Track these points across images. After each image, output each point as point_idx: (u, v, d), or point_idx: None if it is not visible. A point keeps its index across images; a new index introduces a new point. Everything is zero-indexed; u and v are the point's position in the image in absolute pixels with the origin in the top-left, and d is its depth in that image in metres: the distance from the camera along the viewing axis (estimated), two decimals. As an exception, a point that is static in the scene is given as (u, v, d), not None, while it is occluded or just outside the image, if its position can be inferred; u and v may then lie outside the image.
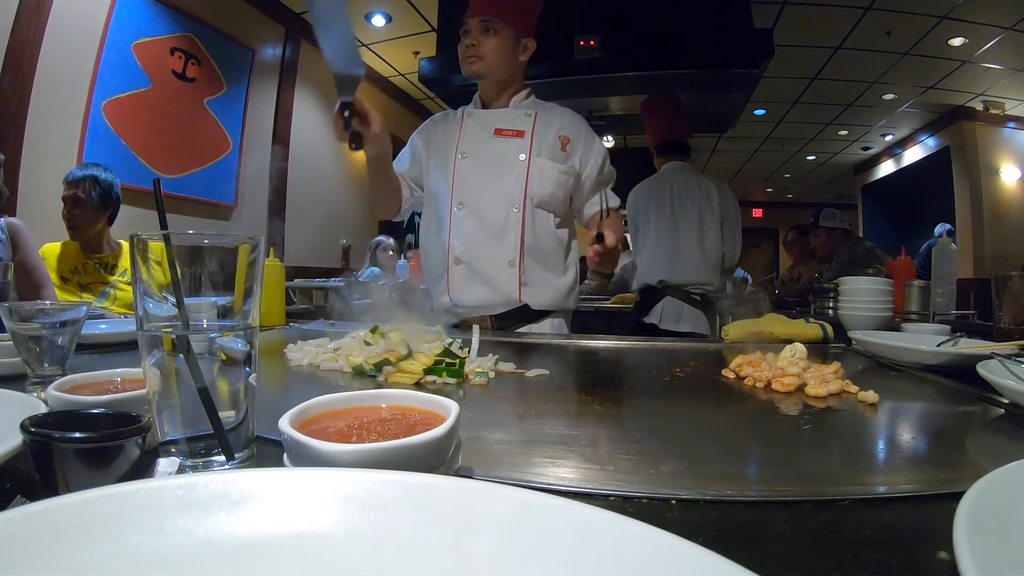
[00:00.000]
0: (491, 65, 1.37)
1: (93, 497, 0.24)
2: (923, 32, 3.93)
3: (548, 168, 1.38)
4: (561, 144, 1.40)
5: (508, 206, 1.37)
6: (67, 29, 2.53)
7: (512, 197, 1.37)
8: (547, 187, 1.38)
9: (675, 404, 0.71)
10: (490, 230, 1.37)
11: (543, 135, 1.40)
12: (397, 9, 3.91)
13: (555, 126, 1.41)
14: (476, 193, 1.38)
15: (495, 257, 1.37)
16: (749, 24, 2.37)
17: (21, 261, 1.63)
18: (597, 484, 0.41)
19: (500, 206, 1.37)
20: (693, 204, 2.28)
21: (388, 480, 0.27)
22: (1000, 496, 0.29)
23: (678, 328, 2.18)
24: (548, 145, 1.39)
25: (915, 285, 1.57)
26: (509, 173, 1.38)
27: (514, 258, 1.37)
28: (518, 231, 1.37)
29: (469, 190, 1.38)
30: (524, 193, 1.37)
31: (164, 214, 0.46)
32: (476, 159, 1.39)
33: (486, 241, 1.37)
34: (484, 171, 1.38)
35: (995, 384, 0.62)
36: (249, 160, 3.71)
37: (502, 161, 1.38)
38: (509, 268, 1.37)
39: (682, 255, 2.25)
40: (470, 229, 1.37)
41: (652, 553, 0.22)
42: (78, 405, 0.45)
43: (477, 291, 1.38)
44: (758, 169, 8.20)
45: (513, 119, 1.41)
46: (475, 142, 1.41)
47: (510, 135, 1.40)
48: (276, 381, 0.81)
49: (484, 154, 1.40)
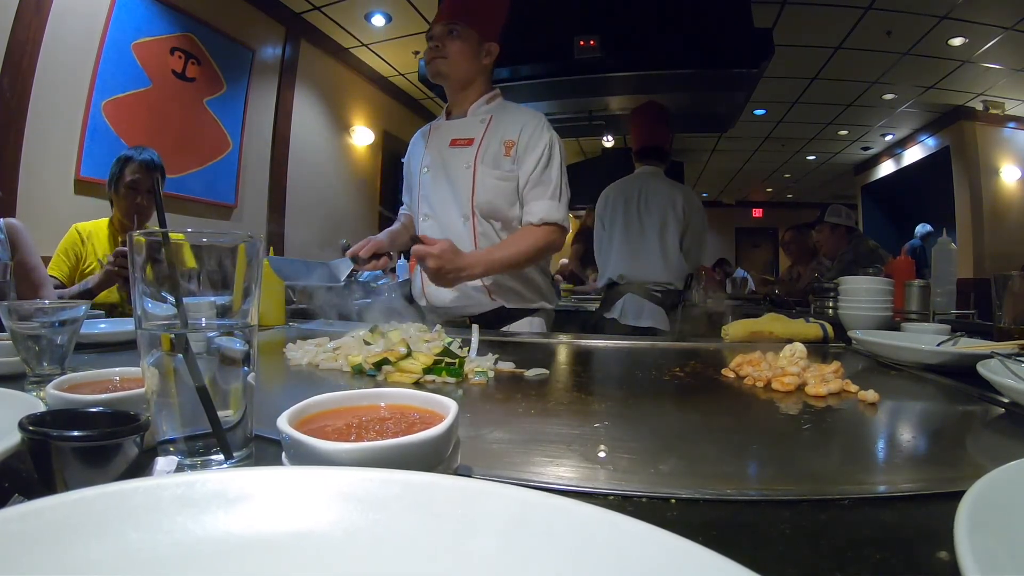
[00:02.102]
0: (453, 67, 1.38)
1: (91, 495, 0.24)
2: (923, 32, 3.93)
3: (488, 176, 1.37)
4: (505, 149, 1.38)
5: (460, 216, 1.40)
6: (67, 29, 2.53)
7: (462, 206, 1.39)
8: (488, 195, 1.37)
9: (675, 403, 0.71)
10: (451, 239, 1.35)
11: (489, 142, 1.39)
12: (397, 9, 3.91)
13: (503, 130, 1.40)
14: (436, 205, 1.43)
15: None
16: (749, 24, 2.37)
17: (20, 261, 1.63)
18: (597, 483, 0.41)
19: (456, 216, 1.40)
20: (658, 207, 2.35)
21: (387, 479, 0.27)
22: (1001, 495, 0.29)
23: (639, 323, 2.22)
24: (492, 151, 1.38)
25: (915, 285, 1.57)
26: (460, 183, 1.39)
27: None
28: (471, 241, 1.39)
29: (431, 202, 1.43)
30: (472, 202, 1.38)
31: (163, 213, 0.46)
32: (436, 171, 1.43)
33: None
34: (441, 182, 1.42)
35: (995, 383, 0.62)
36: (249, 160, 3.71)
37: (455, 171, 1.40)
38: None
39: (643, 254, 2.31)
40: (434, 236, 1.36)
41: (652, 552, 0.22)
42: (76, 404, 0.45)
43: (447, 295, 1.40)
44: (758, 169, 8.20)
45: (467, 127, 1.42)
46: (435, 155, 1.44)
47: (462, 144, 1.40)
48: (275, 380, 0.81)
49: (441, 166, 1.43)
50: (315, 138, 4.38)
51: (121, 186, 1.90)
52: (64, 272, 1.89)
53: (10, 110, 2.34)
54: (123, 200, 1.91)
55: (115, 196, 1.94)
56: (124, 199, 1.91)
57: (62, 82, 2.55)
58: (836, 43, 4.14)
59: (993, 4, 3.55)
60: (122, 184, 1.89)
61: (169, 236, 0.38)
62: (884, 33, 3.94)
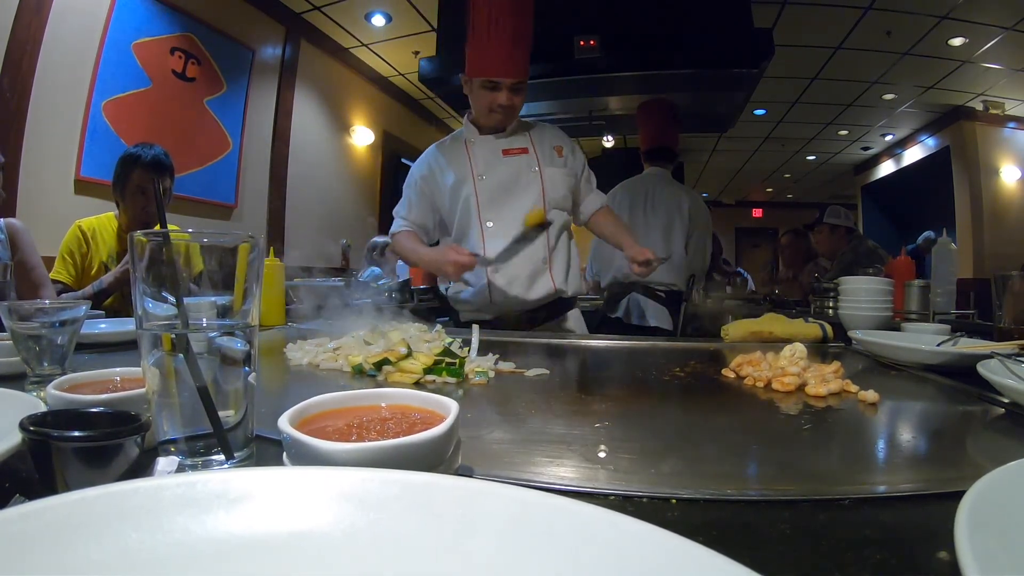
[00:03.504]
0: (516, 116, 1.60)
1: (91, 496, 0.24)
2: (923, 32, 3.92)
3: (557, 174, 1.60)
4: (556, 152, 1.63)
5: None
6: (67, 29, 2.53)
7: (533, 204, 1.56)
8: (560, 190, 1.59)
9: (675, 403, 0.71)
10: (519, 238, 1.53)
11: (542, 148, 1.61)
12: (397, 9, 3.91)
13: (547, 139, 1.64)
14: (500, 208, 1.56)
15: (529, 259, 1.55)
16: (749, 24, 2.37)
17: (21, 261, 1.63)
18: (597, 483, 0.41)
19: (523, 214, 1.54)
20: (665, 209, 2.38)
21: (387, 479, 0.27)
22: (1001, 495, 0.29)
23: (643, 323, 2.25)
24: (548, 155, 1.61)
25: (915, 285, 1.57)
26: (527, 186, 1.57)
27: (545, 255, 1.57)
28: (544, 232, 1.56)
29: (494, 207, 1.56)
30: (543, 199, 1.57)
31: (164, 213, 0.46)
32: (493, 179, 1.57)
33: (518, 247, 1.54)
34: (502, 188, 1.57)
35: (995, 384, 0.62)
36: (249, 160, 3.71)
37: (517, 176, 1.58)
38: (543, 264, 1.57)
39: None
40: (501, 240, 1.53)
41: (652, 552, 0.22)
42: (77, 404, 0.45)
43: (517, 289, 1.55)
44: (758, 169, 8.19)
45: (513, 140, 1.61)
46: (488, 164, 1.58)
47: (516, 152, 1.60)
48: (276, 380, 0.81)
49: (499, 173, 1.57)
50: (315, 138, 4.38)
51: (128, 190, 1.76)
52: (72, 275, 1.78)
53: (10, 110, 2.34)
54: (131, 205, 1.78)
55: (121, 200, 1.80)
56: (132, 204, 1.77)
57: (62, 82, 2.55)
58: (836, 43, 4.14)
59: (993, 4, 3.55)
60: (129, 187, 1.76)
61: (170, 236, 0.38)
62: (884, 33, 3.94)
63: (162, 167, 1.80)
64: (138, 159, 1.76)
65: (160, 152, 1.81)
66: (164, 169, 1.80)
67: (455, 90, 2.71)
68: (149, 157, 1.77)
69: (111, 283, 1.68)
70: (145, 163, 1.75)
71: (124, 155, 1.80)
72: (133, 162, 1.76)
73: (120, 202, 1.82)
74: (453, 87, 2.65)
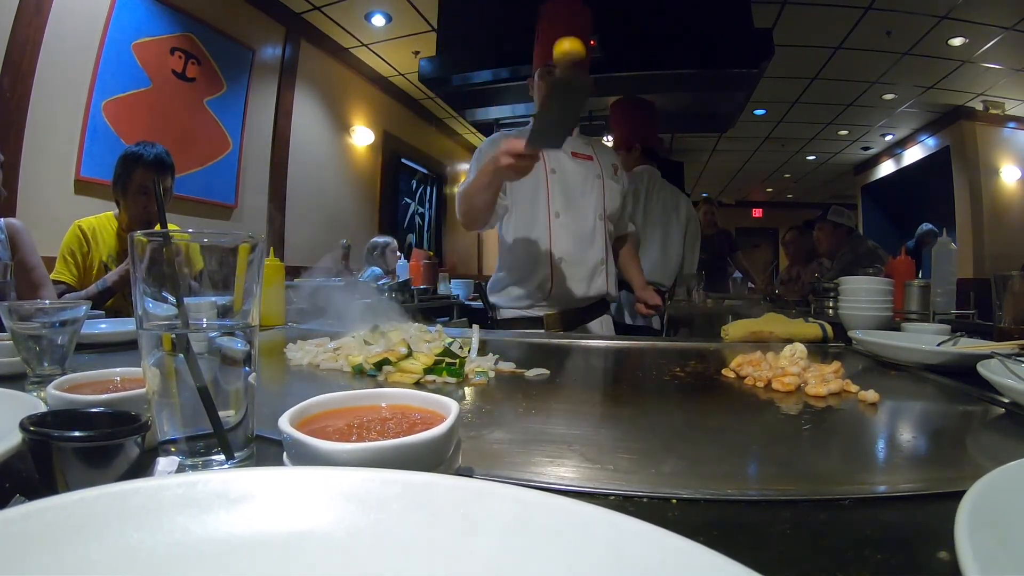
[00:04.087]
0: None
1: (92, 496, 0.24)
2: (923, 32, 3.92)
3: (614, 188, 1.68)
4: (614, 170, 1.70)
5: (594, 216, 1.63)
6: (67, 29, 2.53)
7: (595, 208, 1.63)
8: (615, 203, 1.68)
9: (675, 403, 0.71)
10: (583, 236, 1.61)
11: (604, 161, 1.68)
12: (397, 9, 3.91)
13: (607, 155, 1.72)
14: (568, 204, 1.60)
15: (589, 258, 1.62)
16: (749, 24, 2.37)
17: (20, 261, 1.63)
18: (597, 483, 0.41)
19: (588, 216, 1.62)
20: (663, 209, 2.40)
21: (387, 479, 0.27)
22: (1001, 495, 0.29)
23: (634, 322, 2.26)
24: (608, 169, 1.68)
25: (915, 285, 1.57)
26: (591, 189, 1.63)
27: (603, 257, 1.64)
28: (603, 236, 1.65)
29: (563, 201, 1.59)
30: (603, 207, 1.65)
31: (164, 213, 0.46)
32: (563, 176, 1.61)
33: (581, 245, 1.61)
34: (572, 186, 1.61)
35: (995, 383, 0.62)
36: (249, 160, 3.71)
37: (584, 179, 1.63)
38: (601, 266, 1.64)
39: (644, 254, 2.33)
40: (567, 234, 1.58)
41: (652, 552, 0.22)
42: (77, 404, 0.45)
43: (576, 285, 1.60)
44: (758, 169, 8.19)
45: (581, 146, 1.67)
46: (559, 161, 1.62)
47: (583, 158, 1.65)
48: (276, 380, 0.81)
49: (569, 172, 1.62)
50: (315, 138, 4.38)
51: (130, 189, 1.75)
52: (74, 276, 1.77)
53: (10, 110, 2.34)
54: (132, 204, 1.76)
55: (123, 199, 1.78)
56: (134, 203, 1.75)
57: (62, 82, 2.55)
58: (836, 43, 4.14)
59: (993, 4, 3.55)
60: (131, 187, 1.75)
61: (170, 236, 0.38)
62: (884, 33, 3.94)
63: (164, 166, 1.79)
64: (140, 158, 1.75)
65: (162, 151, 1.80)
66: (166, 168, 1.80)
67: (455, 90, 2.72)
68: (151, 156, 1.76)
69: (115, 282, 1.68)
70: (147, 162, 1.74)
71: (125, 154, 1.79)
72: (135, 161, 1.75)
73: (121, 201, 1.81)
74: (453, 87, 2.66)
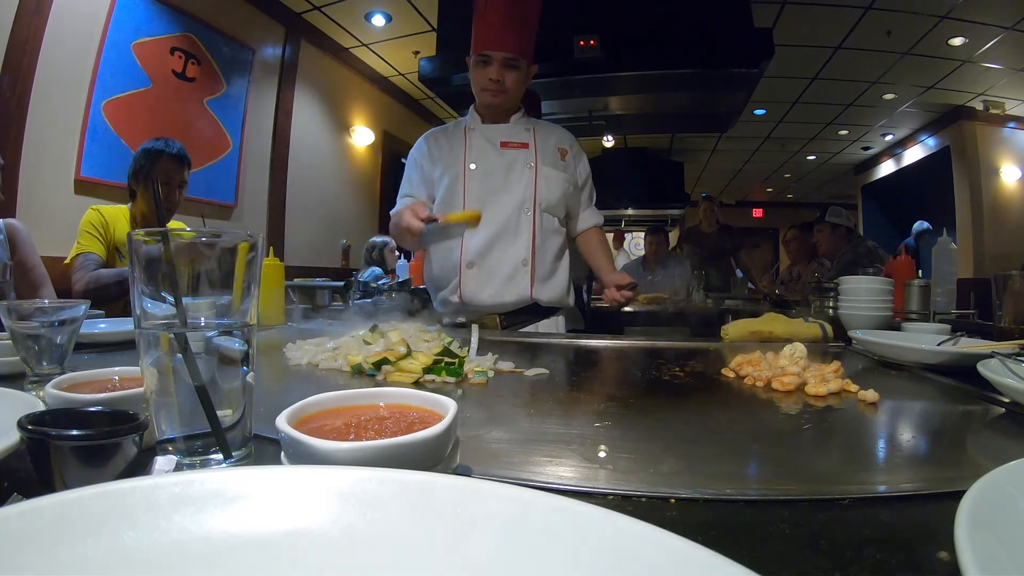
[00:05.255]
0: (512, 97, 1.50)
1: (89, 495, 0.24)
2: (923, 32, 3.92)
3: (553, 175, 1.53)
4: (560, 155, 1.56)
5: (519, 210, 1.50)
6: (67, 29, 2.53)
7: (522, 201, 1.50)
8: (554, 192, 1.52)
9: (675, 403, 0.71)
10: (502, 233, 1.48)
11: (544, 147, 1.54)
12: (397, 9, 3.90)
13: (552, 139, 1.57)
14: (487, 200, 1.48)
15: (509, 258, 1.49)
16: (749, 24, 2.37)
17: (20, 261, 1.63)
18: (596, 483, 0.41)
19: (511, 210, 1.49)
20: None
21: (385, 478, 0.27)
22: (1001, 495, 0.29)
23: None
24: (550, 155, 1.54)
25: (915, 285, 1.57)
26: (519, 181, 1.50)
27: (527, 257, 1.49)
28: (529, 232, 1.50)
29: (480, 198, 1.48)
30: (534, 198, 1.50)
31: (163, 213, 0.46)
32: (485, 169, 1.50)
33: (499, 244, 1.48)
34: (494, 180, 1.50)
35: (996, 383, 0.62)
36: (249, 160, 3.71)
37: (510, 170, 1.51)
38: (523, 267, 1.49)
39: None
40: (482, 234, 1.46)
41: (651, 552, 0.22)
42: (75, 403, 0.45)
43: (491, 291, 1.48)
44: (758, 169, 8.19)
45: (515, 133, 1.54)
46: (482, 154, 1.51)
47: (515, 147, 1.52)
48: (275, 380, 0.81)
49: (493, 164, 1.51)
50: (315, 138, 4.37)
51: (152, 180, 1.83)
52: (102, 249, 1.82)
53: (10, 110, 2.34)
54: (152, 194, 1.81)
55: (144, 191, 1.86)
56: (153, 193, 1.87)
57: (62, 82, 2.54)
58: (836, 43, 4.13)
59: (993, 4, 3.55)
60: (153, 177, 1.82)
61: (169, 235, 0.38)
62: (884, 33, 3.94)
63: (184, 160, 1.88)
64: (163, 151, 1.84)
65: (181, 146, 1.90)
66: (185, 162, 1.89)
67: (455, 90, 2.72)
68: (175, 150, 1.86)
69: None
70: (171, 155, 1.84)
71: (147, 147, 1.87)
72: (158, 154, 1.84)
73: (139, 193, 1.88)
74: (453, 87, 2.66)
